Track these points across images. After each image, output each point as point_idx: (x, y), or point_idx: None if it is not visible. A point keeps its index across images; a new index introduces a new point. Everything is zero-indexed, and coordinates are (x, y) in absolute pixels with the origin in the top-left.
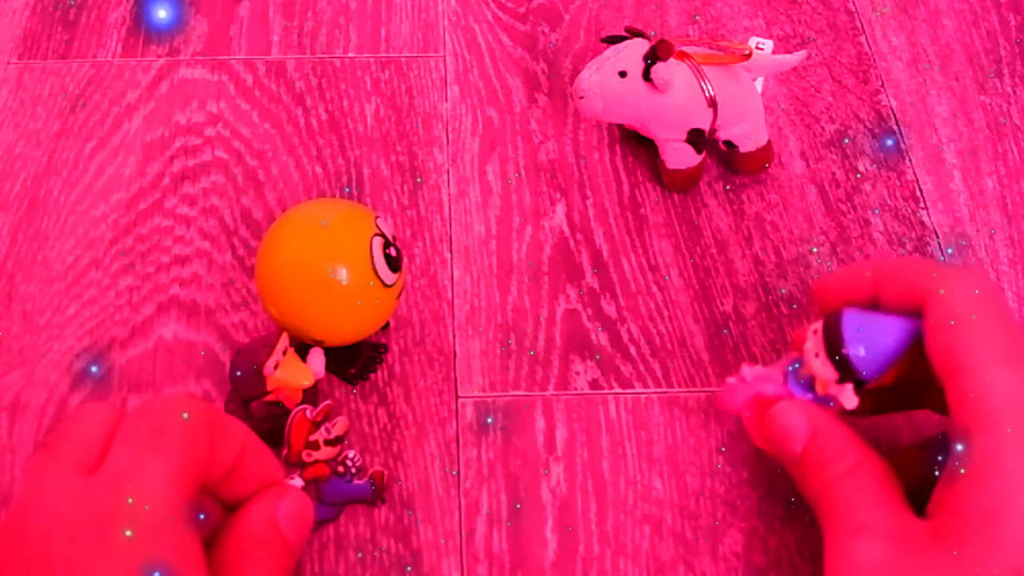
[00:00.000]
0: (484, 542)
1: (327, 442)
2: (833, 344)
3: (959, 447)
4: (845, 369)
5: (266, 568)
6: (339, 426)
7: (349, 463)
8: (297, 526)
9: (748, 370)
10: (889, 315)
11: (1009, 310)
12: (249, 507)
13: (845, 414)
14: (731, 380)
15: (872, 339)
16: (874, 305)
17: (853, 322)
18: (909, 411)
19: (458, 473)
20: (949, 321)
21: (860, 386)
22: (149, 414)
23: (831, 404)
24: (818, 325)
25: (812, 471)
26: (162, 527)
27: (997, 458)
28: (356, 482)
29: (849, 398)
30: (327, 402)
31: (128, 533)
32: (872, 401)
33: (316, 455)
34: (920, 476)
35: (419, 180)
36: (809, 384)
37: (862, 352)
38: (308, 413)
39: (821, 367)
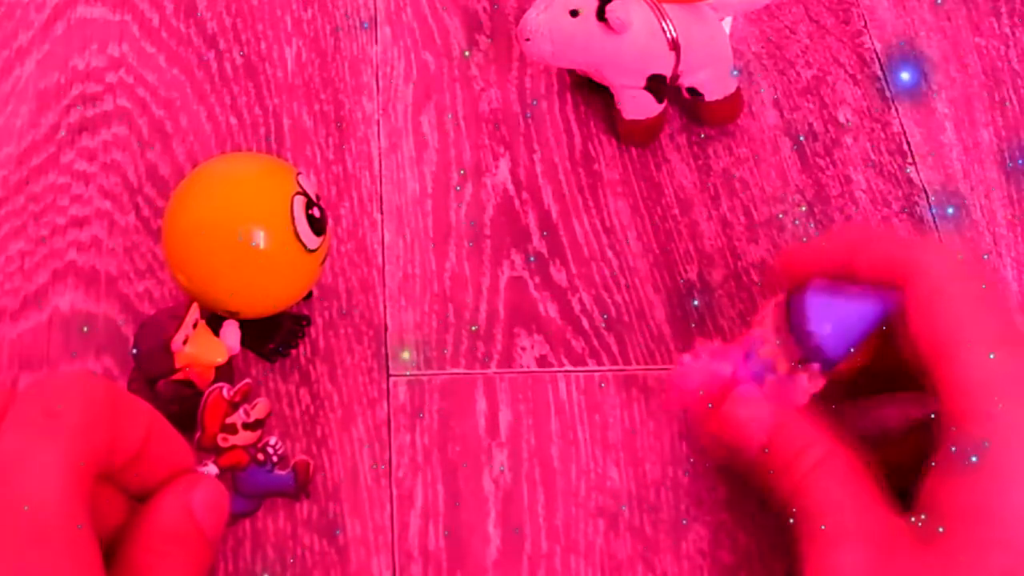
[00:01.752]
0: (419, 538)
1: (246, 426)
2: (797, 321)
3: (947, 437)
4: (809, 348)
5: (184, 566)
6: (259, 408)
7: (270, 451)
8: (214, 517)
9: (704, 347)
10: (857, 289)
11: (995, 285)
12: (160, 499)
13: (813, 401)
14: (686, 358)
15: (839, 316)
16: (848, 279)
17: (819, 296)
18: (881, 395)
19: (389, 461)
20: (932, 299)
21: (826, 367)
22: (42, 394)
23: (793, 386)
24: (780, 299)
25: (777, 468)
26: (52, 526)
27: (990, 448)
28: (277, 472)
29: (815, 380)
30: (246, 381)
31: (12, 533)
32: (841, 386)
33: (233, 440)
34: (912, 463)
35: (339, 125)
36: (770, 365)
37: (828, 330)
38: (225, 392)
39: (783, 346)
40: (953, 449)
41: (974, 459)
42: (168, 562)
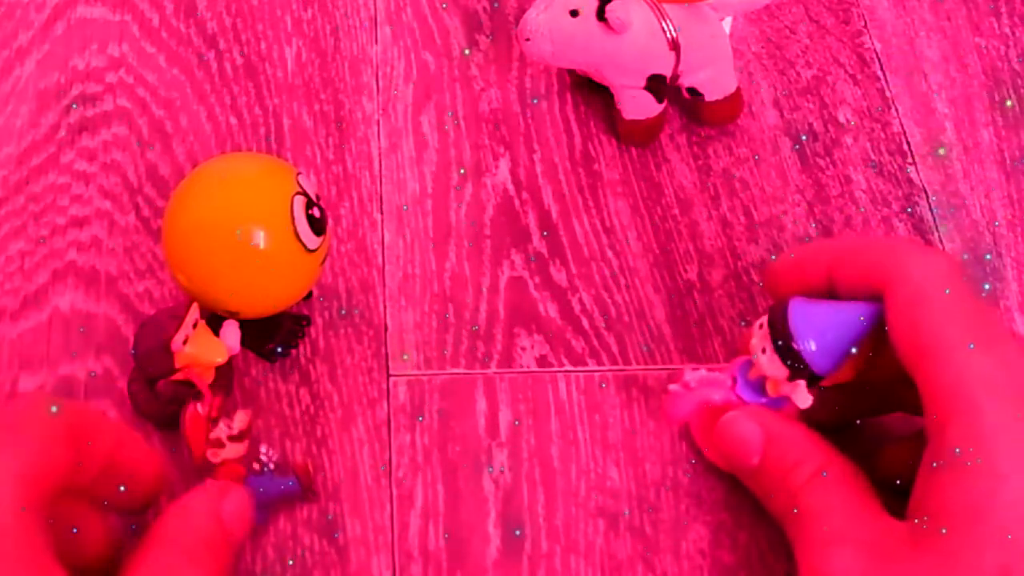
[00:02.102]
0: (419, 538)
1: (231, 438)
2: (780, 338)
3: (934, 438)
4: (795, 365)
5: (212, 572)
6: (240, 420)
7: (264, 458)
8: (240, 525)
9: (692, 375)
10: (839, 302)
11: (976, 289)
12: (188, 505)
13: (811, 423)
14: (673, 387)
15: (822, 330)
16: (830, 291)
17: (800, 312)
18: (880, 416)
19: (389, 461)
20: (913, 302)
21: (814, 382)
22: (7, 411)
23: (784, 406)
24: (764, 319)
25: (773, 483)
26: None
27: (976, 448)
28: (279, 478)
29: (803, 397)
30: (217, 396)
31: None
32: (836, 405)
33: (223, 454)
34: (912, 470)
35: (339, 125)
36: (760, 386)
37: (812, 345)
38: (200, 408)
39: (769, 364)
40: (957, 451)
41: (979, 461)
42: (197, 567)
